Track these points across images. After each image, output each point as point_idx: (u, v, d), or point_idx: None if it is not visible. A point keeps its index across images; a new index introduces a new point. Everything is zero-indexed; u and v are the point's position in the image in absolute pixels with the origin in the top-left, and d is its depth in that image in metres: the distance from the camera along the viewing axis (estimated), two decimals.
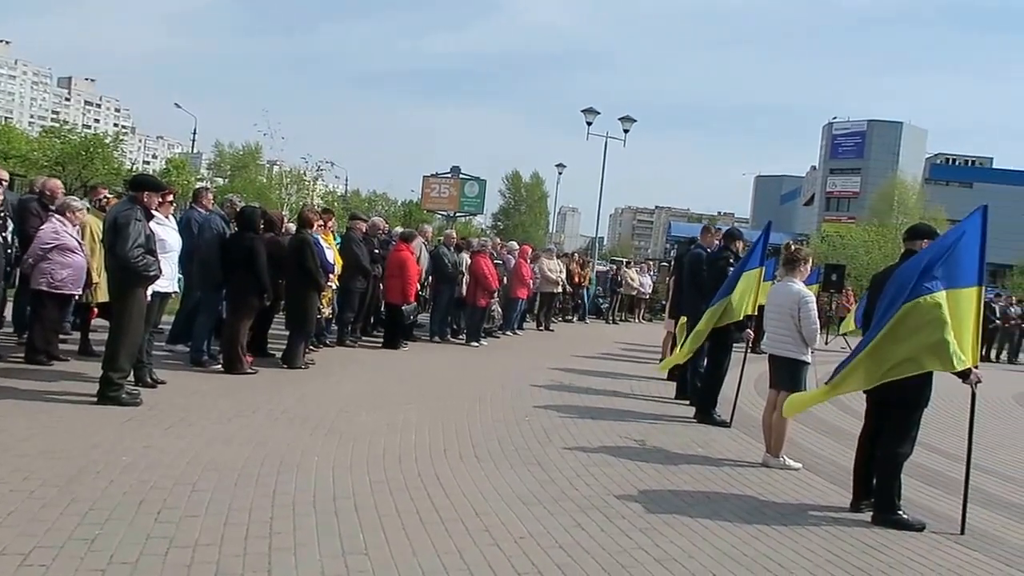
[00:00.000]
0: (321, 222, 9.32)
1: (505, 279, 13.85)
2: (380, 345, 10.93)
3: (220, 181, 47.86)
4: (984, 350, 19.03)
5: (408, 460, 5.26)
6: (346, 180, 55.18)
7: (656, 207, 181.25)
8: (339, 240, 10.78)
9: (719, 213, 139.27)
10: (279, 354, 8.71)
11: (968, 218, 4.94)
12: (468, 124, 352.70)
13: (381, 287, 11.30)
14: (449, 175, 35.92)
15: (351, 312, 10.65)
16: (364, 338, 11.34)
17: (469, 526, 4.10)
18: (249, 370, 7.84)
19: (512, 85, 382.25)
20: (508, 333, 14.27)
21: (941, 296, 4.68)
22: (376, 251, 11.19)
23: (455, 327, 13.00)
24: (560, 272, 17.16)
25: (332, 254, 9.50)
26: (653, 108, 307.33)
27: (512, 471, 5.24)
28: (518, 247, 15.28)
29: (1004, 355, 20.54)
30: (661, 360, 11.52)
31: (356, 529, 3.92)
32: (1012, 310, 20.82)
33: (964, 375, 4.76)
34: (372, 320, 11.95)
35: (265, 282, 7.89)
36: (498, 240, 16.73)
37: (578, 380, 9.53)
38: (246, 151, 53.07)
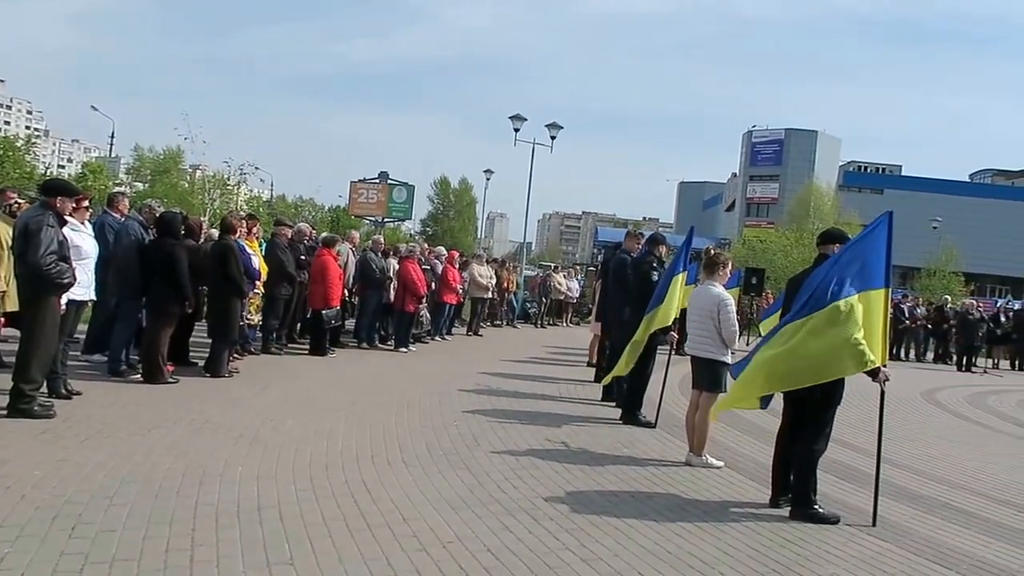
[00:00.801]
0: (245, 228, 9.15)
1: (433, 284, 13.83)
2: (307, 352, 10.78)
3: (140, 186, 46.28)
4: (893, 349, 19.89)
5: (335, 467, 5.22)
6: (271, 185, 54.18)
7: (583, 212, 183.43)
8: (264, 246, 10.60)
9: (644, 218, 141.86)
10: (202, 363, 8.51)
11: (875, 224, 5.18)
12: (396, 130, 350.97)
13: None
14: (377, 180, 35.61)
15: (276, 319, 10.48)
16: (290, 345, 11.17)
17: (396, 532, 4.10)
18: (170, 379, 7.64)
19: (440, 91, 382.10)
20: (437, 338, 14.24)
21: (854, 299, 4.89)
22: (302, 257, 11.05)
23: (383, 333, 12.91)
24: (490, 278, 17.24)
25: (257, 261, 9.34)
26: (580, 115, 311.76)
27: (440, 475, 5.25)
28: (446, 252, 15.28)
29: (912, 354, 21.49)
30: (588, 363, 11.72)
31: (281, 539, 3.87)
32: (919, 311, 21.80)
33: (874, 374, 4.99)
34: (300, 327, 11.78)
35: (186, 289, 7.70)
36: (426, 246, 16.68)
37: (506, 384, 9.58)
38: (167, 155, 51.49)
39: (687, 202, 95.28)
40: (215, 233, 9.66)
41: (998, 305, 25.69)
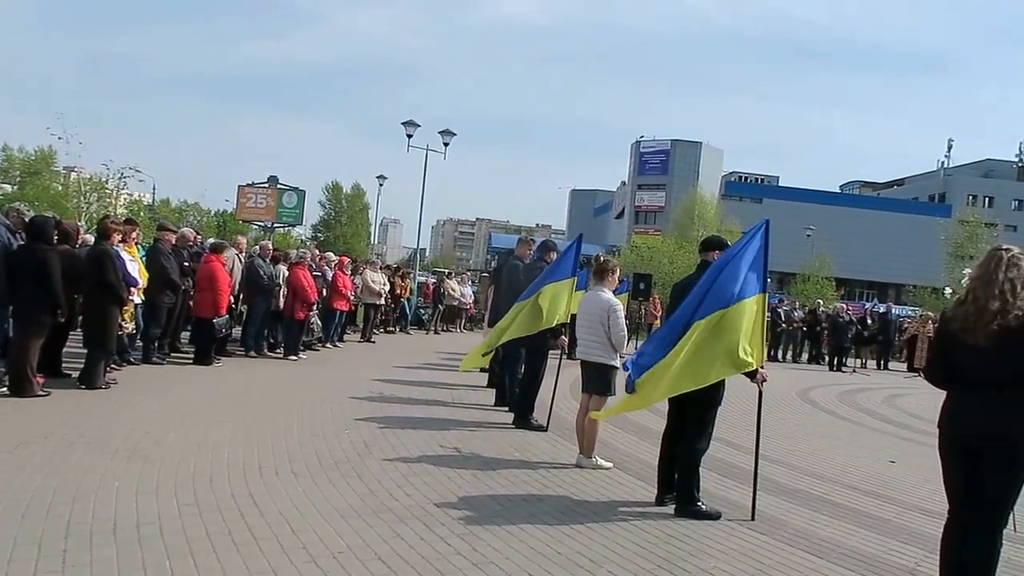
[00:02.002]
0: (122, 233, 8.75)
1: (324, 291, 13.60)
2: (191, 361, 10.40)
3: (8, 188, 43.38)
4: (771, 351, 20.88)
5: (220, 480, 5.06)
6: (154, 188, 51.93)
7: (477, 219, 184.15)
8: (144, 252, 10.17)
9: (537, 225, 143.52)
10: (76, 374, 8.07)
11: (753, 231, 5.44)
12: (287, 134, 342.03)
13: (192, 301, 10.77)
14: (266, 185, 34.73)
15: (158, 328, 10.07)
16: (173, 355, 10.76)
17: (285, 544, 4.01)
18: (40, 392, 7.22)
19: (333, 95, 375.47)
20: (328, 345, 14.01)
21: (734, 305, 5.12)
22: (186, 263, 10.66)
23: (272, 340, 12.59)
24: (383, 284, 17.09)
25: (136, 267, 8.94)
26: (474, 122, 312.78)
27: (331, 485, 5.17)
28: (337, 258, 15.05)
29: (789, 355, 22.60)
30: (481, 368, 11.76)
31: (162, 556, 3.72)
32: (795, 314, 22.96)
33: (752, 375, 5.25)
34: (191, 336, 11.36)
35: (59, 297, 7.30)
36: (317, 251, 16.37)
37: (399, 391, 9.52)
38: (39, 156, 48.53)
39: (579, 209, 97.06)
40: (91, 239, 9.20)
41: (865, 308, 27.33)
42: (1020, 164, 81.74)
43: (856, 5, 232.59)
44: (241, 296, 12.16)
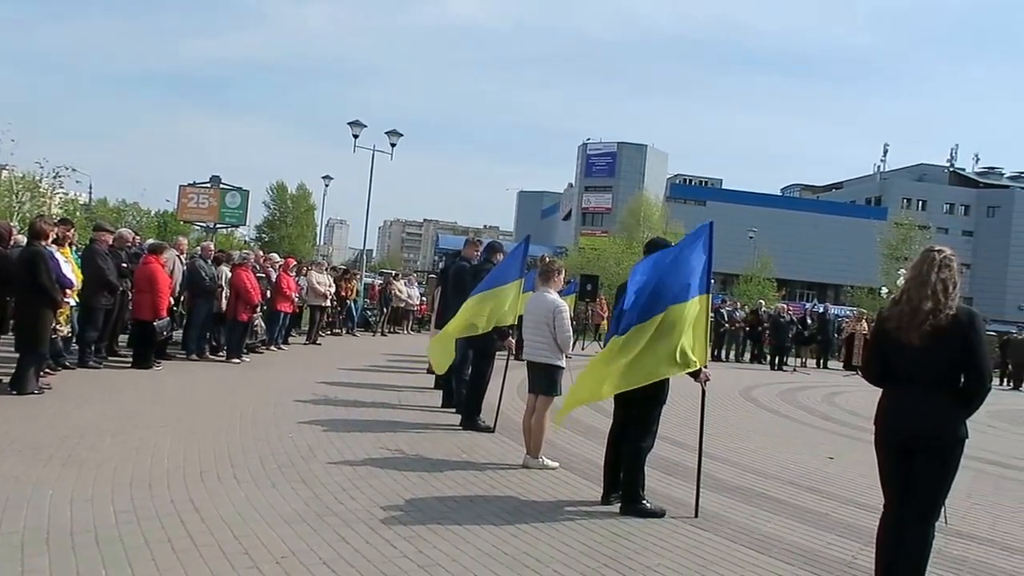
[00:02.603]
0: (57, 234, 8.48)
1: (268, 292, 13.39)
2: (129, 365, 10.13)
3: None
4: (714, 351, 21.25)
5: (159, 486, 4.94)
6: (90, 188, 50.53)
7: (425, 220, 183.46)
8: (77, 253, 9.88)
9: (485, 226, 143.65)
10: (7, 379, 7.79)
11: (697, 233, 5.52)
12: (230, 133, 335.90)
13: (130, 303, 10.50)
14: (209, 185, 33.97)
15: (94, 331, 9.79)
16: (111, 358, 10.47)
17: (227, 550, 3.93)
18: None
19: (277, 95, 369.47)
20: (272, 348, 13.79)
21: (679, 305, 5.19)
22: (124, 265, 10.39)
23: (215, 343, 12.34)
24: (329, 286, 16.92)
25: (70, 268, 8.68)
26: (422, 123, 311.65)
27: (274, 490, 5.09)
28: (281, 260, 14.84)
29: (731, 355, 23.01)
30: (428, 370, 11.71)
31: (97, 565, 3.62)
32: (738, 314, 23.40)
33: (696, 374, 5.33)
34: (129, 339, 11.06)
35: None
36: (261, 252, 16.12)
37: (345, 393, 9.42)
38: None
39: (526, 211, 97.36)
40: (24, 239, 8.90)
41: (805, 308, 27.98)
42: (951, 169, 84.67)
43: (798, 13, 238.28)
44: (182, 298, 11.90)
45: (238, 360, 11.70)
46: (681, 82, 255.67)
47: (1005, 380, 23.21)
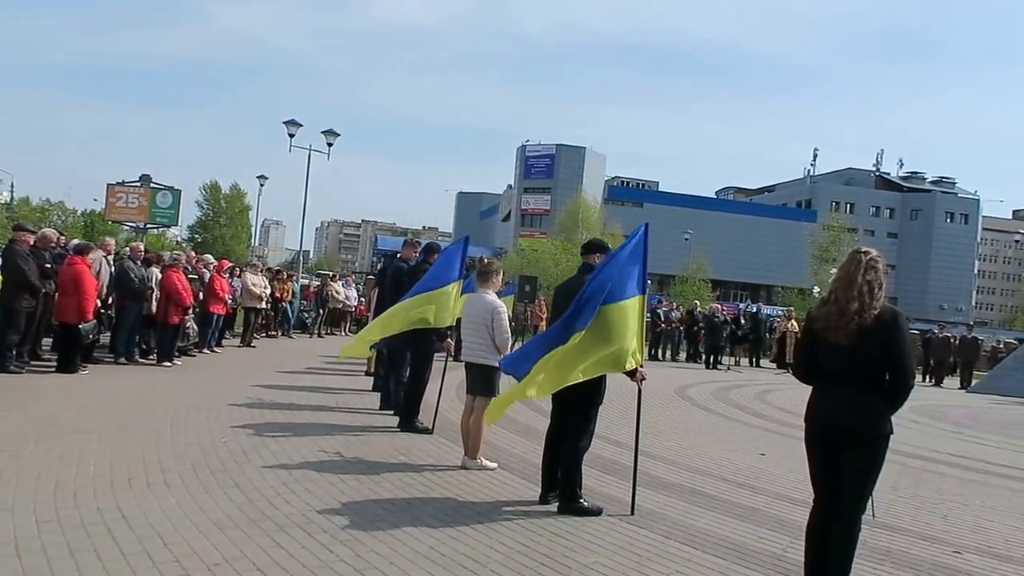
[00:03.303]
0: None
1: (201, 294, 13.09)
2: (54, 369, 9.79)
3: None
4: (650, 351, 21.57)
5: (85, 494, 4.78)
6: (12, 187, 48.71)
7: (363, 221, 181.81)
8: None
9: (424, 227, 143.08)
10: None
11: (634, 234, 5.60)
12: (161, 131, 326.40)
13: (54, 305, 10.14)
14: (138, 184, 32.98)
15: (16, 334, 9.44)
16: (34, 363, 10.10)
17: (156, 559, 3.83)
18: None
19: (210, 92, 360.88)
20: (205, 351, 13.48)
21: (615, 305, 5.26)
22: (48, 266, 10.03)
23: (145, 346, 12.01)
24: (264, 287, 16.63)
25: None
26: (360, 123, 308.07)
27: (207, 495, 4.97)
28: (215, 261, 14.52)
29: (667, 354, 23.38)
30: (366, 372, 11.62)
31: None
32: (674, 314, 23.80)
33: (632, 374, 5.41)
34: (53, 343, 10.67)
35: None
36: (192, 253, 15.75)
37: (281, 396, 9.26)
38: None
39: (465, 212, 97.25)
40: None
41: (739, 308, 28.60)
42: (877, 173, 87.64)
43: (734, 20, 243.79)
44: (110, 300, 11.55)
45: (169, 364, 11.40)
46: (619, 86, 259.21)
47: (927, 377, 24.10)
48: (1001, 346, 29.67)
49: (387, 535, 4.51)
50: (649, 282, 5.64)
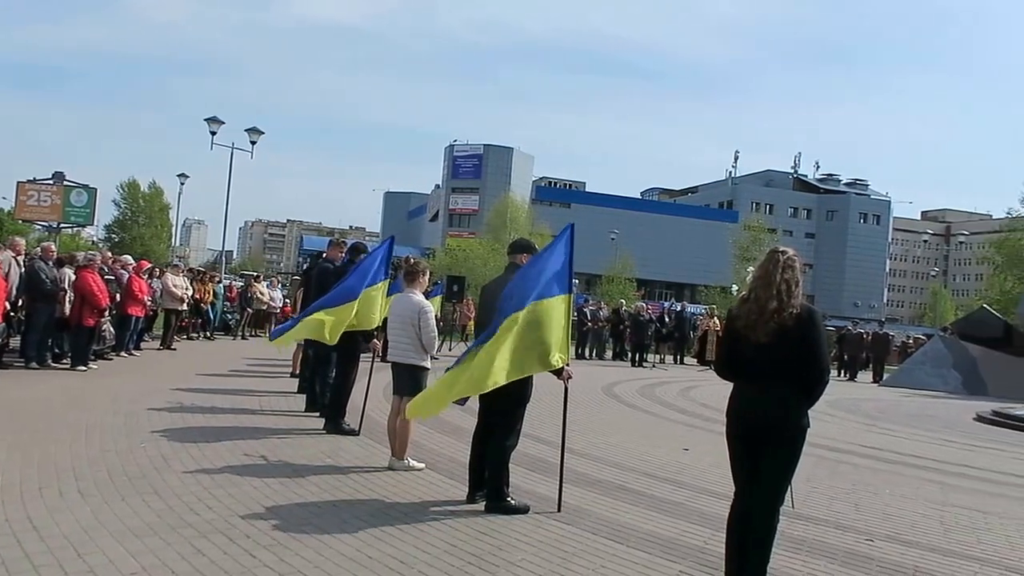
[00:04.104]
0: None
1: (118, 296, 12.67)
2: None
3: None
4: (577, 349, 21.81)
5: None
6: None
7: (288, 220, 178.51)
8: None
9: (351, 227, 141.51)
10: None
11: (560, 235, 5.66)
12: (75, 128, 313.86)
13: None
14: (51, 182, 31.64)
15: None
16: None
17: (69, 569, 3.70)
18: None
19: (128, 87, 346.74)
20: (123, 354, 13.05)
21: (542, 304, 5.31)
22: None
23: (58, 350, 11.55)
24: (186, 288, 16.20)
25: None
26: (285, 121, 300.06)
27: (123, 503, 4.82)
28: (133, 261, 14.07)
29: (594, 353, 23.68)
30: (292, 374, 11.41)
31: None
32: (600, 313, 24.12)
33: (559, 372, 5.47)
34: None
35: None
36: (109, 254, 15.20)
37: (202, 400, 9.04)
38: None
39: (393, 211, 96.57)
40: None
41: (664, 307, 29.18)
42: (795, 175, 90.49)
43: (658, 23, 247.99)
44: (20, 302, 11.06)
45: (84, 368, 11.00)
46: (547, 87, 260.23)
47: (842, 372, 25.01)
48: (911, 341, 30.93)
49: (312, 539, 4.46)
50: (576, 282, 5.71)
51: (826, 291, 77.06)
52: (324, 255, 9.43)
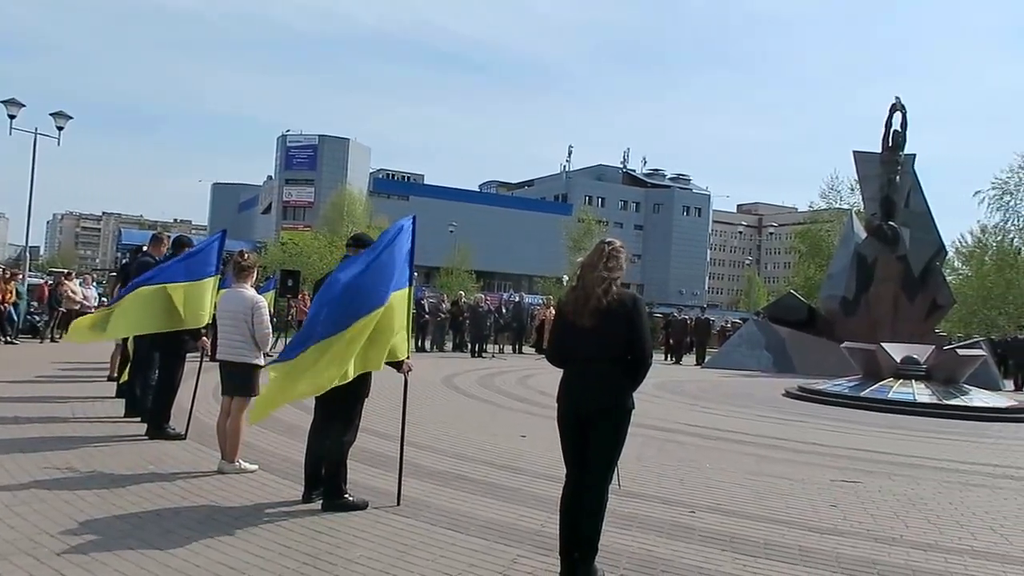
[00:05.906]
0: None
1: None
2: None
3: None
4: (417, 342, 21.79)
5: None
6: None
7: (104, 213, 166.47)
8: None
9: (176, 220, 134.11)
10: None
11: (399, 227, 5.58)
12: None
13: None
14: None
15: None
16: None
17: None
18: None
19: None
20: None
21: (397, 296, 5.25)
22: None
23: None
24: None
25: None
26: (98, 107, 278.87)
27: None
28: None
29: (434, 345, 23.72)
30: (109, 377, 10.64)
31: None
32: (442, 306, 24.19)
33: (398, 365, 5.44)
34: None
35: None
36: None
37: (3, 409, 8.23)
38: None
39: (221, 204, 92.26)
40: None
41: (502, 298, 29.64)
42: (624, 170, 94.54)
43: (487, 17, 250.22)
44: None
45: None
46: (383, 79, 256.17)
47: (668, 355, 26.41)
48: (729, 325, 33.04)
49: (134, 552, 4.17)
50: (416, 274, 5.67)
51: (654, 280, 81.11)
52: (144, 248, 8.86)
